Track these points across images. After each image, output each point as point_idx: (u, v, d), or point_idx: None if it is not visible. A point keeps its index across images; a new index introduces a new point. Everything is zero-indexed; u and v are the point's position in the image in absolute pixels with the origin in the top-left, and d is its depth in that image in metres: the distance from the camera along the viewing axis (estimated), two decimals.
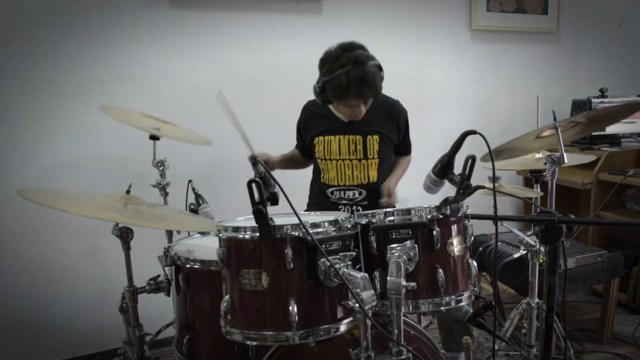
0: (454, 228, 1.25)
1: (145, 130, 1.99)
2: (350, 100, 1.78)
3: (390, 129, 2.00)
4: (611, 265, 2.42)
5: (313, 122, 2.04)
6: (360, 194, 1.95)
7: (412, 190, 1.97)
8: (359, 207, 1.96)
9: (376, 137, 1.95)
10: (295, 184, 2.15)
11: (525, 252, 2.14)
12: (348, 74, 1.69)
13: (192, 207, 1.92)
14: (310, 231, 1.06)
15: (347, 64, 1.71)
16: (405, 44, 3.04)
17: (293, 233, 1.07)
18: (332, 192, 1.97)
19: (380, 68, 1.78)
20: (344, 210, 1.96)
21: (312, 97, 2.11)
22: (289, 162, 2.16)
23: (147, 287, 1.61)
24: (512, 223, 1.87)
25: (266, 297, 1.08)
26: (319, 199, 2.04)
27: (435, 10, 3.09)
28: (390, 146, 2.02)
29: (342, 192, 1.96)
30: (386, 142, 1.99)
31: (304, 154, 2.17)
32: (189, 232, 1.74)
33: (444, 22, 3.12)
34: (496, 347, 1.79)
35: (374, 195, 1.97)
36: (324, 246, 1.07)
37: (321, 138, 1.98)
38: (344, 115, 1.93)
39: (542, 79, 3.42)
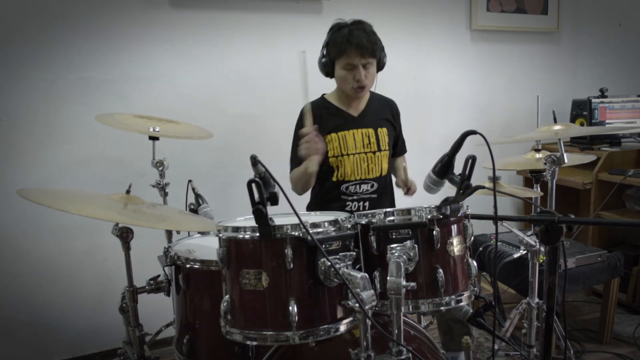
0: (454, 228, 1.25)
1: (144, 133, 1.99)
2: (350, 55, 1.83)
3: (392, 123, 2.07)
4: (611, 265, 2.42)
5: (323, 121, 1.94)
6: (372, 186, 1.98)
7: None
8: (366, 203, 1.97)
9: (385, 129, 2.01)
10: None
11: (525, 252, 2.14)
12: (349, 28, 1.85)
13: (192, 207, 1.92)
14: (310, 231, 1.06)
15: (348, 24, 1.88)
16: (405, 44, 3.04)
17: (293, 233, 1.06)
18: (347, 188, 1.97)
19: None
20: (350, 207, 1.97)
21: (312, 99, 2.11)
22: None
23: (147, 287, 1.61)
24: (512, 223, 1.87)
25: (266, 297, 1.07)
26: (328, 198, 1.99)
27: (435, 10, 3.09)
28: (393, 140, 2.08)
29: (357, 186, 1.97)
30: (392, 136, 2.06)
31: None
32: (189, 232, 1.74)
33: (444, 22, 3.12)
34: (496, 347, 1.79)
35: (383, 188, 2.01)
36: (324, 246, 1.07)
37: (334, 135, 1.95)
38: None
39: (542, 79, 3.42)
